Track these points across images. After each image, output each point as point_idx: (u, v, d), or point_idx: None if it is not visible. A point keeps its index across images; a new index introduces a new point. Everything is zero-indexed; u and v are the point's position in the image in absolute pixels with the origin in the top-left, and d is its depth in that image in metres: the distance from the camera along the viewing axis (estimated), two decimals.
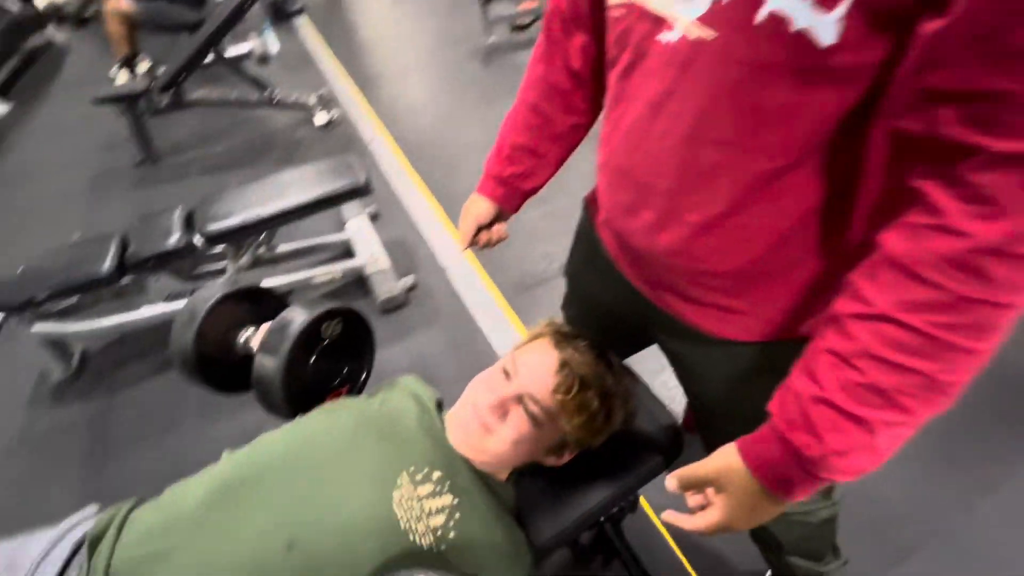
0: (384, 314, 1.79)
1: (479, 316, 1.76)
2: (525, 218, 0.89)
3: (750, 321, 0.59)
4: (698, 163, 0.50)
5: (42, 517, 1.34)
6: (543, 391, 0.70)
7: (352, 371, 0.88)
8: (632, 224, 0.61)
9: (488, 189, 0.87)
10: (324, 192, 1.63)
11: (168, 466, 1.43)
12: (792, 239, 0.51)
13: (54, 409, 1.61)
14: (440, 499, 0.64)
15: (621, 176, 0.61)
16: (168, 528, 0.60)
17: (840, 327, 0.43)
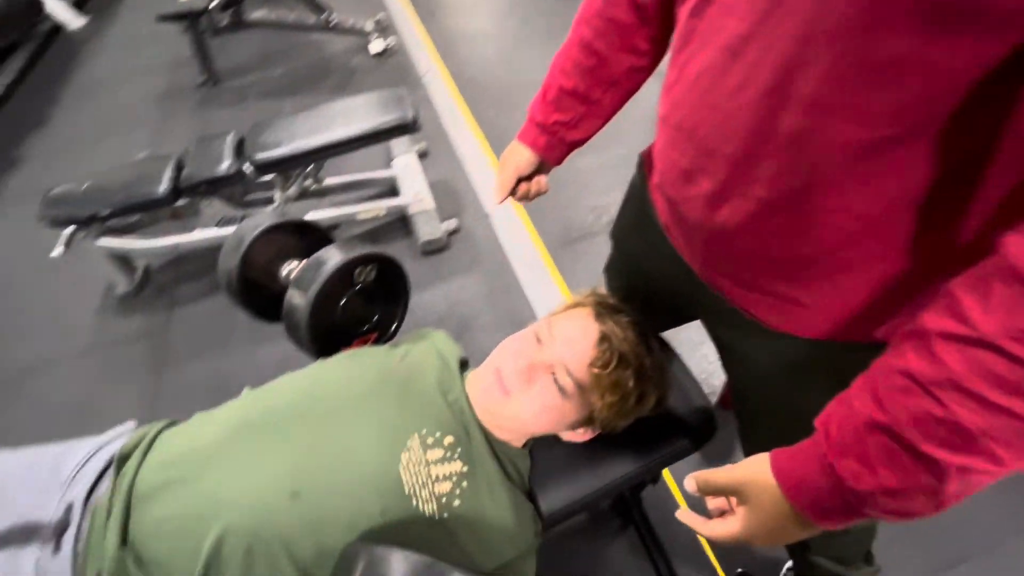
0: (424, 256, 1.77)
1: (519, 267, 1.72)
2: (576, 167, 0.81)
3: (814, 316, 0.51)
4: (777, 127, 0.41)
5: (104, 416, 1.48)
6: (578, 363, 0.65)
7: (383, 319, 0.87)
8: (688, 192, 0.53)
9: (530, 137, 0.79)
10: (370, 127, 1.59)
11: (215, 383, 1.52)
12: (881, 229, 0.42)
13: (120, 319, 1.73)
14: (449, 465, 0.62)
15: (681, 134, 0.52)
16: (185, 459, 0.62)
17: (925, 346, 0.35)
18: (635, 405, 0.68)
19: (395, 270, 0.83)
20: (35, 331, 1.72)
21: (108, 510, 0.60)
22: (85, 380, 1.57)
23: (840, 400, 0.41)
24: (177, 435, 0.67)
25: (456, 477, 0.62)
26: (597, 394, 0.65)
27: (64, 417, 1.48)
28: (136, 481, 0.61)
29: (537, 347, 0.68)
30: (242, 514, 0.56)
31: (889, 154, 0.38)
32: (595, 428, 0.71)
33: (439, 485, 0.60)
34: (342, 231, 1.89)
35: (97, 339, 1.68)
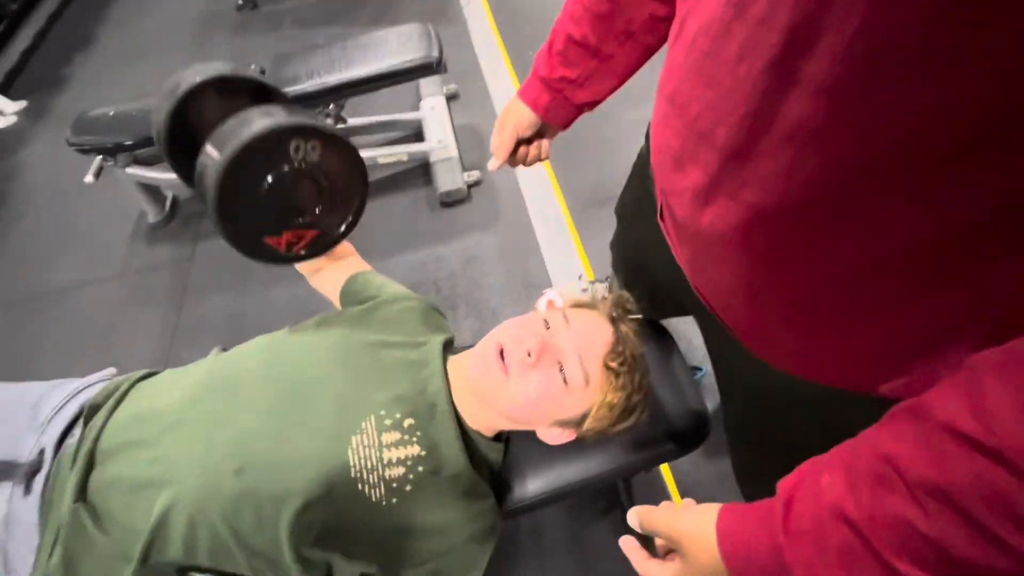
0: (442, 207, 1.71)
1: (540, 227, 1.63)
2: (614, 120, 0.71)
3: (804, 358, 0.42)
4: (778, 114, 0.31)
5: (128, 340, 1.56)
6: (593, 355, 0.61)
7: (326, 216, 0.65)
8: (677, 182, 0.44)
9: (531, 94, 0.69)
10: (390, 66, 1.49)
11: (230, 319, 1.56)
12: (919, 264, 0.32)
13: (149, 247, 1.79)
14: (405, 449, 0.60)
15: (674, 110, 0.42)
16: (146, 421, 0.62)
17: (925, 436, 0.27)
18: (627, 415, 0.63)
19: (349, 157, 0.62)
20: (71, 252, 1.81)
21: (72, 461, 0.61)
22: (113, 304, 1.65)
23: (810, 468, 0.34)
24: (146, 393, 0.67)
25: (411, 462, 0.59)
26: (602, 392, 0.61)
27: (93, 337, 1.57)
28: (101, 436, 0.62)
29: (546, 332, 0.63)
30: (188, 487, 0.56)
31: (918, 176, 0.28)
32: (577, 431, 0.66)
33: (390, 470, 0.58)
34: None
35: (127, 265, 1.74)
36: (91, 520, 0.58)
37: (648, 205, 0.64)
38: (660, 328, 0.88)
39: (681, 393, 0.78)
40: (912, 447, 0.27)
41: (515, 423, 0.66)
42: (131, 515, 0.57)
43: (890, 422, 0.30)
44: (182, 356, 1.50)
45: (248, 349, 0.70)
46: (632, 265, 0.81)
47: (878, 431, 0.30)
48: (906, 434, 0.28)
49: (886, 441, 0.29)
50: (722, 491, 1.12)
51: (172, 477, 0.57)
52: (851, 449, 0.32)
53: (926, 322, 0.33)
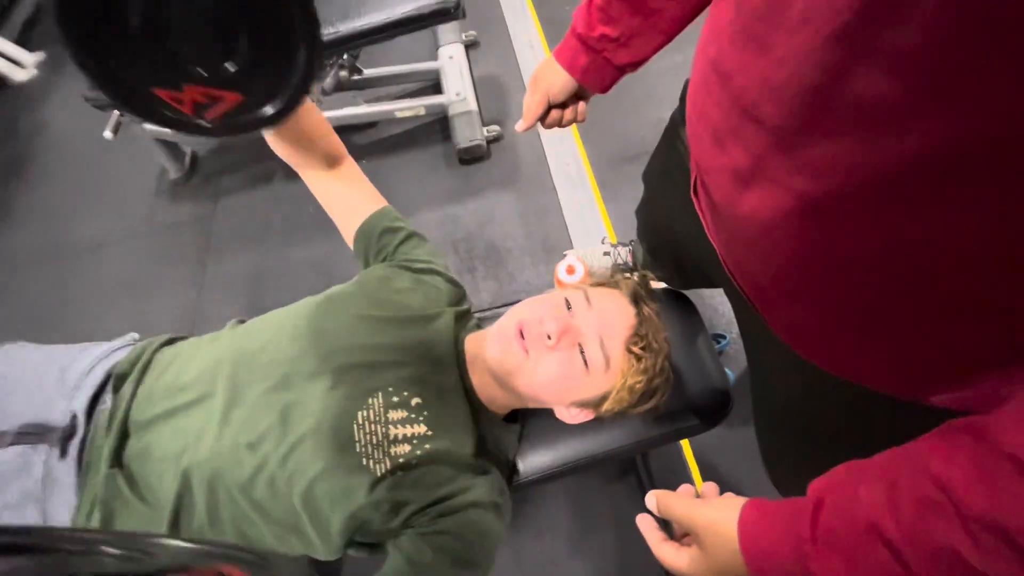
0: (461, 164, 1.66)
1: (562, 185, 1.57)
2: (644, 69, 0.65)
3: (853, 364, 0.39)
4: (844, 91, 0.27)
5: (156, 298, 1.60)
6: (616, 338, 0.59)
7: (251, 75, 0.42)
8: (714, 159, 0.40)
9: (567, 55, 0.64)
10: (407, 12, 1.40)
11: (253, 277, 1.58)
12: (998, 268, 0.27)
13: (171, 204, 1.80)
14: (411, 427, 0.59)
15: (717, 77, 0.37)
16: (170, 394, 0.63)
17: (987, 463, 0.24)
18: (647, 398, 0.62)
19: None
20: (95, 209, 1.83)
21: (107, 429, 0.63)
22: (138, 261, 1.68)
23: (846, 473, 0.31)
24: (168, 364, 0.68)
25: (417, 440, 0.59)
26: (623, 376, 0.60)
27: (120, 294, 1.61)
28: (132, 407, 0.64)
29: (567, 312, 0.61)
30: (205, 458, 0.58)
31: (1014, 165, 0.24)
32: (596, 411, 0.65)
33: (396, 447, 0.58)
34: (379, 130, 1.79)
35: (150, 223, 1.76)
36: (127, 486, 0.60)
37: (678, 174, 0.59)
38: (684, 299, 0.84)
39: (704, 370, 0.76)
40: (969, 473, 0.25)
41: (532, 402, 0.65)
42: (163, 482, 0.60)
43: (944, 440, 0.27)
44: (209, 313, 1.54)
45: (264, 324, 0.69)
46: (658, 235, 0.77)
47: (929, 448, 0.27)
48: (963, 458, 0.25)
49: (938, 461, 0.26)
50: (741, 462, 1.11)
51: (191, 450, 0.58)
52: (894, 462, 0.29)
53: (997, 335, 0.29)
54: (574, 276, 1.28)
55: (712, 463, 1.14)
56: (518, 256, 1.47)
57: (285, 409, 0.59)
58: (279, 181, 1.76)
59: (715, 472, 1.13)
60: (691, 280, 0.81)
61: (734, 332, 1.21)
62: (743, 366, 1.20)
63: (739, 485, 1.11)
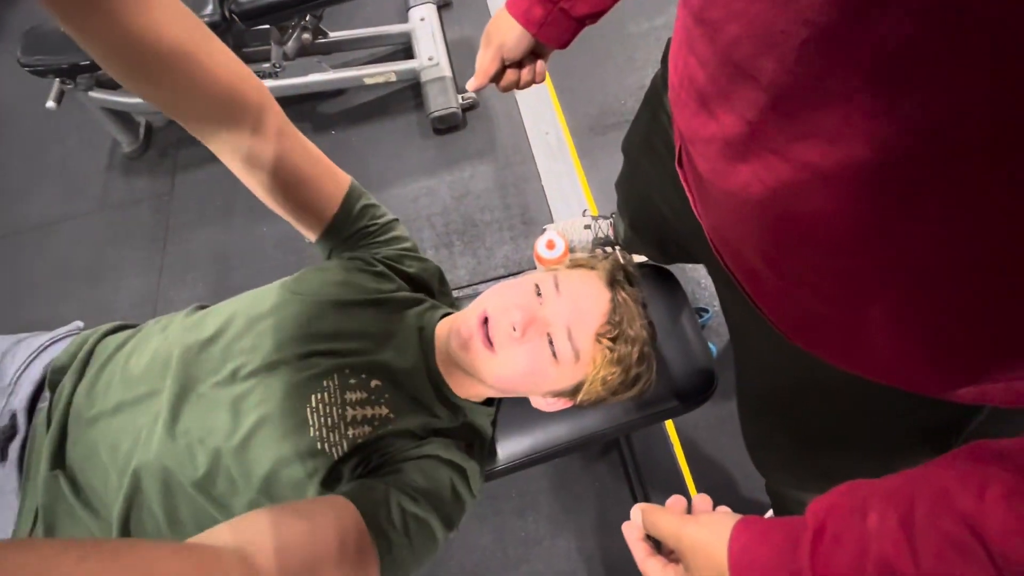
0: (435, 134, 1.58)
1: (540, 156, 1.51)
2: (626, 32, 0.59)
3: (854, 355, 0.35)
4: (869, 34, 0.22)
5: (114, 279, 1.51)
6: (585, 329, 0.55)
7: None
8: (701, 127, 0.35)
9: (521, 7, 0.58)
10: None
11: (216, 256, 1.50)
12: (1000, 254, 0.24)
13: (125, 180, 1.69)
14: (371, 409, 0.56)
15: (703, 30, 0.32)
16: (114, 388, 0.58)
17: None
18: (628, 387, 0.58)
19: None
20: (44, 186, 1.71)
21: (47, 427, 0.58)
22: (94, 241, 1.58)
23: (849, 496, 0.28)
24: (113, 354, 0.62)
25: (378, 422, 0.55)
26: (596, 368, 0.56)
27: (76, 277, 1.52)
28: (72, 403, 0.59)
29: (536, 300, 0.57)
30: (156, 457, 0.53)
31: None
32: (573, 400, 0.61)
33: (355, 428, 0.54)
34: (348, 97, 1.69)
35: (104, 200, 1.65)
36: (70, 489, 0.56)
37: (661, 145, 0.54)
38: (667, 274, 0.80)
39: (688, 349, 0.73)
40: (1009, 518, 0.21)
41: (503, 393, 0.62)
42: (108, 484, 0.55)
43: (972, 470, 0.23)
44: (172, 297, 1.46)
45: (219, 313, 0.64)
46: (639, 209, 0.73)
47: (953, 478, 0.24)
48: (999, 496, 0.22)
49: (966, 496, 0.22)
50: (722, 434, 1.11)
51: (139, 447, 0.54)
52: (909, 489, 0.25)
53: (1008, 328, 0.26)
54: (554, 251, 1.23)
55: (695, 439, 1.13)
56: (496, 230, 1.42)
57: (236, 401, 0.54)
58: None
59: (698, 448, 1.12)
60: (673, 256, 0.78)
61: (717, 305, 1.19)
62: (727, 338, 1.18)
63: (722, 461, 1.11)
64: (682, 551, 0.35)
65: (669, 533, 0.37)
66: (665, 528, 0.37)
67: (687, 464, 1.11)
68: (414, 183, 1.51)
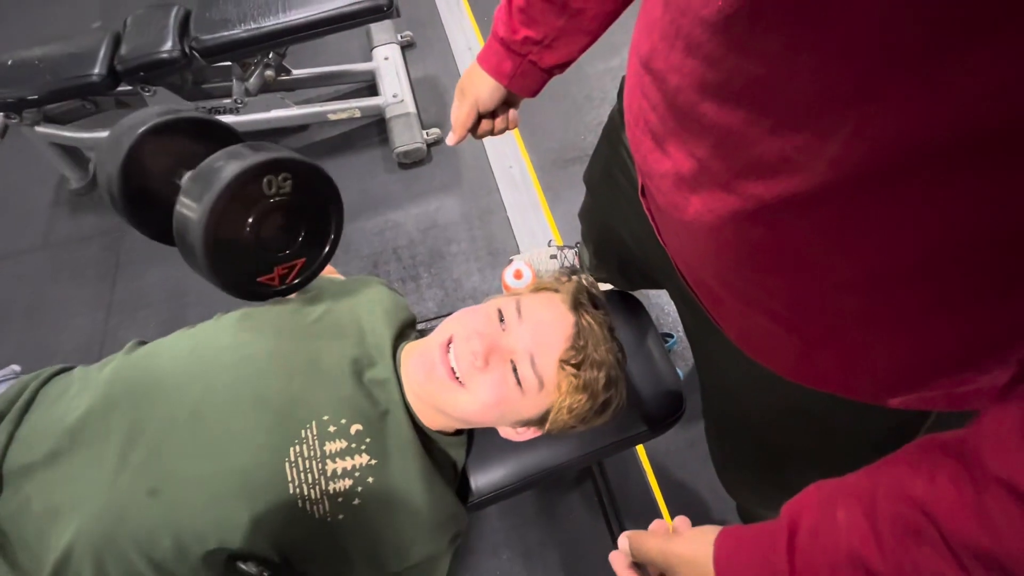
0: (400, 168, 1.59)
1: (505, 189, 1.54)
2: (583, 73, 0.63)
3: (808, 369, 0.37)
4: (791, 82, 0.24)
5: (57, 319, 1.42)
6: (547, 356, 0.54)
7: (309, 242, 0.65)
8: (656, 163, 0.37)
9: (492, 61, 0.60)
10: (336, 8, 1.33)
11: (171, 292, 1.44)
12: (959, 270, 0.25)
13: (73, 216, 1.61)
14: (352, 459, 0.53)
15: (652, 77, 0.34)
16: (52, 434, 0.53)
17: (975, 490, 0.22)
18: (597, 413, 0.58)
19: (319, 179, 0.61)
20: None
21: None
22: (37, 280, 1.49)
23: (817, 495, 0.29)
24: (54, 398, 0.58)
25: (359, 473, 0.53)
26: (561, 395, 0.55)
27: (15, 318, 1.42)
28: (7, 455, 0.53)
29: (498, 327, 0.56)
30: (93, 514, 0.48)
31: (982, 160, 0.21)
32: (542, 429, 0.61)
33: (334, 483, 0.51)
34: (312, 133, 1.69)
35: (48, 237, 1.57)
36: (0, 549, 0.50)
37: (620, 175, 0.57)
38: (632, 300, 0.82)
39: (655, 373, 0.74)
40: (955, 498, 0.23)
41: (470, 424, 0.61)
42: (43, 543, 0.50)
43: (924, 459, 0.25)
44: (119, 336, 1.38)
45: (167, 345, 0.61)
46: (602, 237, 0.75)
47: (906, 468, 0.25)
48: (946, 480, 0.23)
49: (920, 483, 0.24)
50: (693, 459, 1.12)
51: (78, 502, 0.49)
52: (870, 482, 0.27)
53: (958, 337, 0.27)
54: (522, 280, 1.25)
55: (666, 464, 1.13)
56: (463, 262, 1.42)
57: (196, 447, 0.50)
58: None
59: (670, 474, 1.12)
60: (636, 282, 0.80)
61: (681, 331, 1.22)
62: (692, 364, 1.21)
63: (695, 485, 1.12)
64: (670, 568, 0.36)
65: (656, 553, 0.37)
66: (652, 549, 0.37)
67: (660, 490, 1.11)
68: (380, 216, 1.51)
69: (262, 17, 1.33)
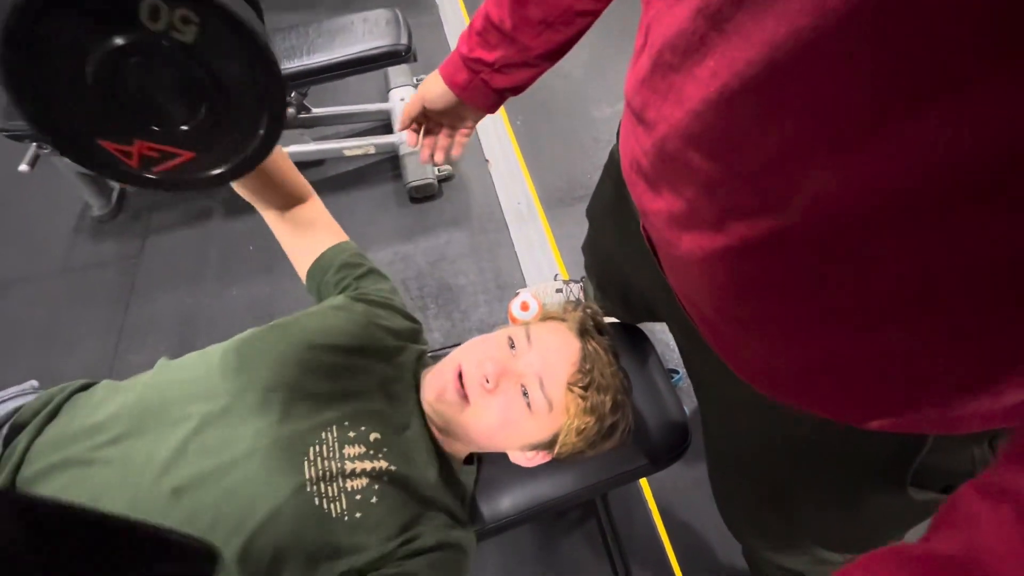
0: (412, 202, 1.64)
1: (513, 224, 1.58)
2: (591, 116, 0.66)
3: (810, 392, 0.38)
4: (768, 138, 0.27)
5: (69, 341, 1.44)
6: (555, 379, 0.57)
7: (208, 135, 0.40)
8: (649, 203, 0.40)
9: (448, 70, 0.64)
10: (356, 53, 1.41)
11: (182, 319, 1.46)
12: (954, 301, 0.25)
13: (94, 242, 1.66)
14: (370, 463, 0.54)
15: (643, 127, 0.38)
16: (79, 438, 0.54)
17: None
18: (604, 436, 0.59)
19: (249, 48, 0.36)
20: (7, 245, 1.66)
21: None
22: (53, 302, 1.52)
23: None
24: (81, 408, 0.59)
25: (377, 473, 0.54)
26: (569, 417, 0.57)
27: (26, 339, 1.45)
28: (24, 460, 0.54)
29: (509, 353, 0.58)
30: (126, 503, 0.49)
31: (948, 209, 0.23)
32: (552, 454, 0.62)
33: (352, 481, 0.52)
34: (328, 167, 1.75)
35: (67, 261, 1.62)
36: None
37: (620, 208, 0.59)
38: (637, 332, 0.84)
39: (661, 404, 0.74)
40: None
41: (481, 448, 0.62)
42: None
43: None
44: (129, 360, 1.40)
45: (200, 356, 0.62)
46: (604, 270, 0.77)
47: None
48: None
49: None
50: (700, 497, 1.10)
51: (97, 502, 0.49)
52: None
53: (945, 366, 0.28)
54: (528, 312, 1.26)
55: (672, 502, 1.12)
56: (471, 294, 1.45)
57: (220, 448, 0.51)
58: (217, 218, 1.67)
59: (676, 512, 1.10)
60: (639, 314, 0.82)
61: None
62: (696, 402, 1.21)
63: (700, 524, 1.09)
64: None
65: None
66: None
67: (665, 530, 1.09)
68: (390, 248, 1.55)
69: (288, 60, 1.41)
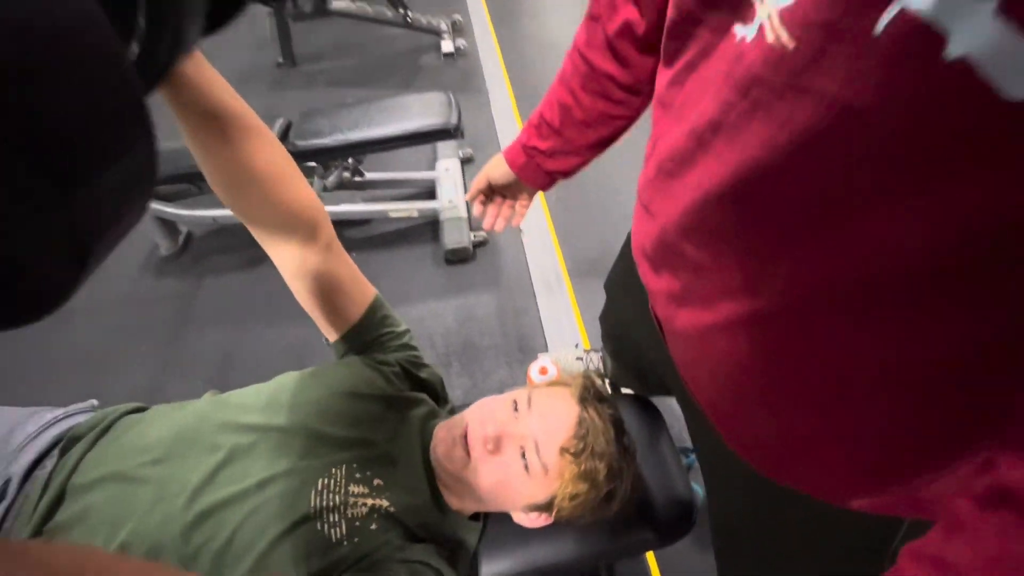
0: (447, 264, 1.74)
1: (540, 291, 1.65)
2: (620, 190, 0.74)
3: (789, 468, 0.41)
4: (742, 234, 0.33)
5: (110, 369, 1.55)
6: (550, 443, 0.60)
7: None
8: (652, 283, 0.46)
9: (511, 153, 0.75)
10: (410, 128, 1.57)
11: (221, 355, 1.56)
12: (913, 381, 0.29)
13: (156, 278, 1.82)
14: (372, 500, 0.58)
15: (647, 216, 0.45)
16: (127, 455, 0.60)
17: None
18: (601, 504, 0.61)
19: None
20: None
21: (41, 493, 0.59)
22: (107, 331, 1.65)
23: None
24: (132, 428, 0.66)
25: (378, 505, 0.57)
26: (563, 483, 0.60)
27: (77, 363, 1.56)
28: (77, 469, 0.60)
29: (512, 416, 0.62)
30: (151, 528, 0.54)
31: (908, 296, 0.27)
32: (552, 516, 0.64)
33: (353, 509, 0.56)
34: (373, 226, 1.89)
35: (129, 295, 1.76)
36: None
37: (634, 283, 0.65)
38: (649, 405, 0.86)
39: (667, 478, 0.75)
40: None
41: (484, 505, 0.65)
42: None
43: None
44: (167, 389, 1.48)
45: (240, 394, 0.69)
46: (619, 342, 0.82)
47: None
48: None
49: None
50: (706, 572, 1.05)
51: (135, 515, 0.55)
52: None
53: (916, 446, 0.31)
54: (546, 377, 1.29)
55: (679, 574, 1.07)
56: (494, 355, 1.49)
57: (243, 476, 0.56)
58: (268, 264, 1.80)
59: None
60: (651, 387, 0.84)
61: None
62: None
63: None
64: None
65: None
66: None
67: None
68: (422, 305, 1.63)
69: (349, 131, 1.59)
